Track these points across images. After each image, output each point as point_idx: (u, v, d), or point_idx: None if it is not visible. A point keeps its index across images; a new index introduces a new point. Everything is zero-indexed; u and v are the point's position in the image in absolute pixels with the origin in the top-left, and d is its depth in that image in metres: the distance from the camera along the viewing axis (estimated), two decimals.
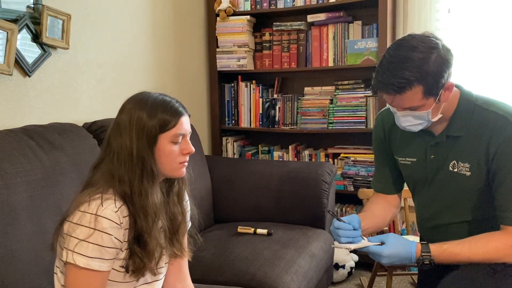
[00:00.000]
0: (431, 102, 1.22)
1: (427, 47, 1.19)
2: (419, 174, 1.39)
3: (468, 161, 1.28)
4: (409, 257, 1.23)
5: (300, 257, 1.83)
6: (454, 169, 1.31)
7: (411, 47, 1.19)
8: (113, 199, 1.07)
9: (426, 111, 1.23)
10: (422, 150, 1.36)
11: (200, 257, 1.75)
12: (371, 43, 2.51)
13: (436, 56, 1.19)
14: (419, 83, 1.18)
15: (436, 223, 1.41)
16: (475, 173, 1.27)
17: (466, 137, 1.28)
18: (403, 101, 1.22)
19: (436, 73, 1.18)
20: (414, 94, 1.19)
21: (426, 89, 1.19)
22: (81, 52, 1.96)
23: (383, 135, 1.48)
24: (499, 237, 1.23)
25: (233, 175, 2.35)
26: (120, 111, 1.13)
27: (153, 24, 2.43)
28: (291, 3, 2.68)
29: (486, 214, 1.30)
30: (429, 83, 1.18)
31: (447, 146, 1.31)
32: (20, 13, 1.66)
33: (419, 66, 1.17)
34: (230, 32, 2.80)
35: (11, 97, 1.67)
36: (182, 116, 1.13)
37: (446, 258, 1.23)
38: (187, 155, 1.15)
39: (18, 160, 1.40)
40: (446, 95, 1.24)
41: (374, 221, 1.42)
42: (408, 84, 1.18)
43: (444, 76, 1.20)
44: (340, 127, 2.62)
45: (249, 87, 2.87)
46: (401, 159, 1.43)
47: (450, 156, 1.31)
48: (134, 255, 1.10)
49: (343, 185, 2.63)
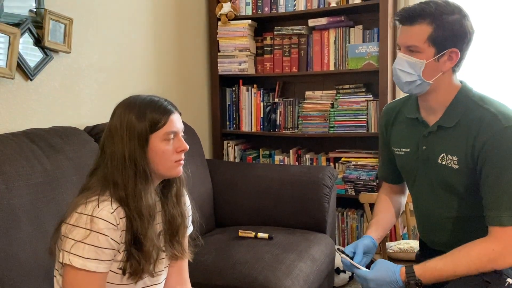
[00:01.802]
0: (430, 54, 1.24)
1: (458, 8, 1.25)
2: (411, 165, 1.40)
3: (457, 154, 1.28)
4: (394, 280, 1.22)
5: (301, 261, 1.83)
6: (442, 162, 1.31)
7: (446, 1, 1.25)
8: (110, 201, 1.08)
9: (421, 61, 1.25)
10: (415, 141, 1.38)
11: (201, 261, 1.75)
12: (372, 48, 2.51)
13: (459, 18, 1.23)
14: (431, 23, 1.22)
15: (431, 221, 1.41)
16: (462, 166, 1.27)
17: (456, 130, 1.28)
18: (408, 34, 1.25)
19: (450, 29, 1.22)
20: (420, 31, 1.23)
21: (434, 34, 1.22)
22: (83, 56, 1.97)
23: (384, 128, 1.51)
24: (480, 243, 1.21)
25: (234, 179, 2.35)
26: (111, 117, 1.15)
27: (155, 28, 2.43)
28: (292, 8, 2.69)
29: (476, 212, 1.28)
30: (439, 31, 1.22)
31: (438, 137, 1.32)
32: (23, 17, 1.67)
33: (440, 11, 1.22)
34: (232, 36, 2.80)
35: (13, 100, 1.67)
36: (171, 114, 1.14)
37: (431, 275, 1.21)
38: (181, 152, 1.16)
39: (19, 163, 1.40)
40: (446, 64, 1.26)
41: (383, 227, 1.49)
42: (420, 16, 1.23)
43: (456, 40, 1.23)
44: (341, 131, 2.62)
45: (250, 91, 2.88)
46: (396, 149, 1.45)
47: (440, 148, 1.31)
48: (132, 258, 1.10)
49: (344, 189, 2.62)
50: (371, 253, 1.39)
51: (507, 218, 1.18)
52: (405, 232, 2.40)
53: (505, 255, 1.18)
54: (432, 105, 1.33)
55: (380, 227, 1.49)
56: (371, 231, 1.45)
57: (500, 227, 1.19)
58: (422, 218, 1.46)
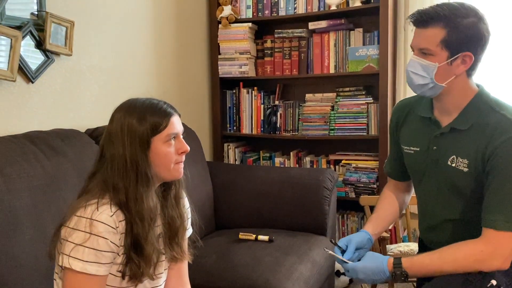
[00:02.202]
0: (443, 57, 1.23)
1: (473, 11, 1.22)
2: (419, 164, 1.40)
3: (467, 157, 1.27)
4: (382, 270, 1.24)
5: (302, 264, 1.83)
6: (452, 164, 1.30)
7: (462, 3, 1.23)
8: (109, 204, 1.08)
9: (434, 64, 1.24)
10: (426, 140, 1.37)
11: (201, 264, 1.75)
12: (372, 50, 2.52)
13: (474, 21, 1.21)
14: (445, 26, 1.21)
15: (433, 222, 1.41)
16: (472, 170, 1.26)
17: (469, 133, 1.27)
18: (422, 37, 1.25)
19: (464, 33, 1.20)
20: (434, 34, 1.22)
21: (447, 37, 1.21)
22: (84, 59, 1.97)
23: (395, 125, 1.51)
24: (469, 244, 1.22)
25: (235, 181, 2.36)
26: (110, 121, 1.15)
27: (156, 30, 2.44)
28: (293, 11, 2.69)
29: (478, 217, 1.27)
30: (453, 35, 1.20)
31: (450, 139, 1.31)
32: (24, 20, 1.67)
33: (454, 14, 1.20)
34: (232, 39, 2.81)
35: (14, 103, 1.68)
36: (172, 116, 1.14)
37: (418, 269, 1.23)
38: (182, 154, 1.16)
39: (20, 165, 1.40)
40: (460, 67, 1.24)
41: (382, 224, 1.50)
42: (434, 19, 1.21)
43: (470, 44, 1.22)
44: (341, 133, 2.63)
45: (250, 94, 2.89)
46: (406, 148, 1.45)
47: (451, 150, 1.31)
48: (131, 261, 1.10)
49: (345, 192, 2.63)
50: (365, 248, 1.39)
51: (502, 223, 1.18)
52: (406, 234, 2.40)
53: (492, 258, 1.19)
54: (447, 107, 1.32)
55: (380, 222, 1.49)
56: (368, 226, 1.46)
57: (493, 230, 1.19)
58: (425, 217, 1.46)
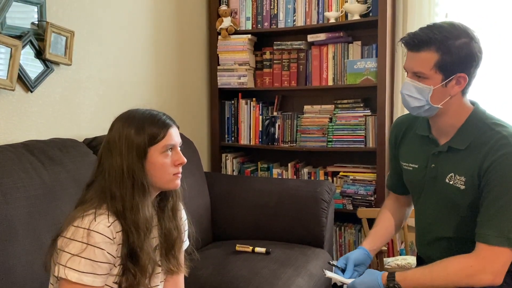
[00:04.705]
0: (437, 80, 1.23)
1: (465, 32, 1.22)
2: (417, 181, 1.41)
3: (464, 174, 1.28)
4: (376, 283, 1.27)
5: (299, 276, 1.82)
6: (450, 182, 1.31)
7: (452, 24, 1.23)
8: (107, 214, 1.08)
9: (429, 87, 1.24)
10: (425, 158, 1.38)
11: (198, 276, 1.74)
12: (370, 63, 2.53)
13: (466, 42, 1.21)
14: (437, 50, 1.20)
15: (430, 237, 1.42)
16: (469, 187, 1.27)
17: (467, 151, 1.28)
18: (415, 60, 1.24)
19: (457, 55, 1.20)
20: (427, 58, 1.22)
21: (441, 61, 1.21)
22: (83, 69, 1.98)
23: (394, 141, 1.52)
24: (461, 258, 1.23)
25: (232, 192, 2.35)
26: (109, 130, 1.16)
27: (155, 41, 2.45)
28: (292, 23, 2.71)
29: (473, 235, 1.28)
30: (446, 58, 1.20)
31: (448, 157, 1.32)
32: (25, 30, 1.68)
33: (446, 37, 1.20)
34: (231, 50, 2.82)
35: (13, 112, 1.68)
36: (170, 128, 1.15)
37: (410, 283, 1.26)
38: (179, 166, 1.17)
39: (18, 175, 1.40)
40: (454, 88, 1.25)
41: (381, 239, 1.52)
42: (426, 43, 1.21)
43: (463, 65, 1.22)
44: (339, 145, 2.63)
45: (249, 105, 2.89)
46: (404, 164, 1.46)
47: (449, 168, 1.32)
48: (127, 272, 1.10)
49: (342, 204, 2.62)
50: (364, 265, 1.42)
51: (494, 238, 1.19)
52: (403, 247, 2.40)
53: (482, 272, 1.19)
54: (443, 126, 1.33)
55: (378, 238, 1.51)
56: (366, 242, 1.49)
57: (485, 244, 1.20)
58: (422, 233, 1.47)
